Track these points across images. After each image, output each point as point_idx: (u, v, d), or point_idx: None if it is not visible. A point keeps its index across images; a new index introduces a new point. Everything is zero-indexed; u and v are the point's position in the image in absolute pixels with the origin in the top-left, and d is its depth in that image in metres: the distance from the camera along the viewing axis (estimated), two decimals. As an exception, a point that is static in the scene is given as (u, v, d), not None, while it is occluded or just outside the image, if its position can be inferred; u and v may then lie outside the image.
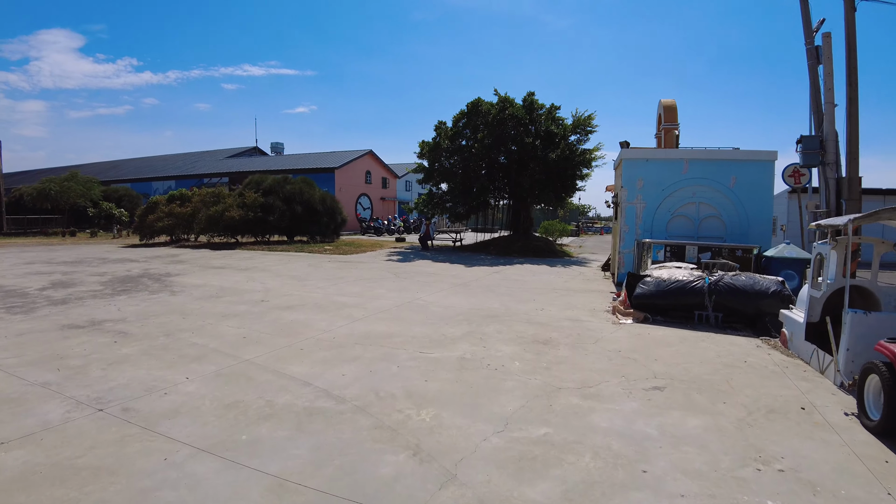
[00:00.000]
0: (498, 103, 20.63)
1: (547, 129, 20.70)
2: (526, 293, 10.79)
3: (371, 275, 13.27)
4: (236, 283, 11.56)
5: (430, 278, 12.83)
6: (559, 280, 13.12)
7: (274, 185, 23.14)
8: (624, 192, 12.58)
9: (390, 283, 11.87)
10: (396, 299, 9.65)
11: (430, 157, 21.72)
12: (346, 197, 39.27)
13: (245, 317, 7.96)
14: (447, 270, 14.68)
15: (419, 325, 7.47)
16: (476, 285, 11.78)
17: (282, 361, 5.68)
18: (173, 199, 24.54)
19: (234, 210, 21.49)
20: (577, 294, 10.91)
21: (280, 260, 16.52)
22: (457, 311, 8.64)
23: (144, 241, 24.25)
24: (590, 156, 20.97)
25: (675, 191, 12.46)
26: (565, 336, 7.09)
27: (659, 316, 8.53)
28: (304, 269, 14.34)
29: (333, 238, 25.06)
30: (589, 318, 8.45)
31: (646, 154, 12.70)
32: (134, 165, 57.21)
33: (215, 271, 13.61)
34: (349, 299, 9.57)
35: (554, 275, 14.28)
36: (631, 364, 5.91)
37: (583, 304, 9.62)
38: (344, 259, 17.23)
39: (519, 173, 21.24)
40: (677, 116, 15.96)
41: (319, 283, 11.68)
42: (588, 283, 12.72)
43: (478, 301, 9.65)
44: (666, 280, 8.61)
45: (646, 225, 12.50)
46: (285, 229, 23.18)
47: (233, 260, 16.48)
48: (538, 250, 20.48)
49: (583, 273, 15.00)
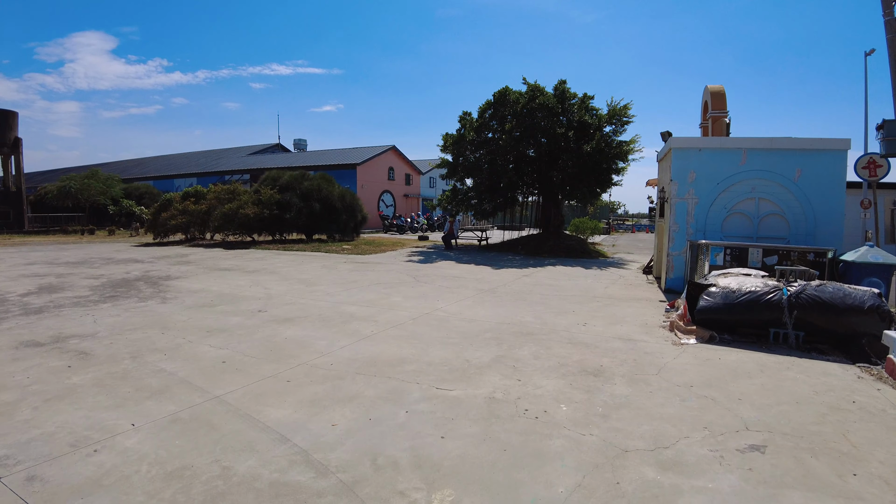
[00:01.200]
0: (527, 92, 19.18)
1: (580, 119, 19.16)
2: (563, 302, 9.40)
3: (388, 278, 12.02)
4: (238, 288, 10.43)
5: (452, 283, 11.53)
6: (598, 285, 11.68)
7: (291, 181, 22.10)
8: (673, 186, 11.07)
9: (408, 288, 10.60)
10: (413, 309, 8.37)
11: (454, 150, 20.34)
12: (369, 194, 38.22)
13: (233, 333, 6.77)
14: (472, 273, 13.36)
15: (438, 346, 6.16)
16: (504, 292, 10.43)
17: (259, 400, 4.43)
18: (188, 197, 23.73)
19: (248, 207, 20.50)
20: (622, 304, 9.48)
21: (293, 261, 15.41)
22: (483, 325, 7.31)
23: (158, 239, 23.49)
24: (626, 148, 19.37)
25: (731, 185, 10.91)
26: (619, 363, 5.70)
27: (726, 334, 7.08)
28: (317, 271, 13.17)
29: (353, 237, 23.94)
30: (643, 336, 7.04)
31: (698, 143, 11.16)
32: (158, 163, 57.23)
33: (220, 274, 12.53)
34: (359, 309, 8.32)
35: (591, 279, 12.83)
36: (711, 407, 4.51)
37: (632, 318, 8.19)
38: (361, 260, 16.03)
39: (549, 167, 19.75)
40: (726, 103, 14.33)
41: (330, 288, 10.48)
42: (631, 290, 11.26)
43: (507, 312, 8.30)
44: (735, 291, 7.13)
45: (698, 224, 10.98)
46: (303, 227, 22.13)
47: (243, 261, 15.42)
48: (570, 250, 18.99)
49: (623, 277, 13.50)
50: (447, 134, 20.34)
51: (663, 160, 13.14)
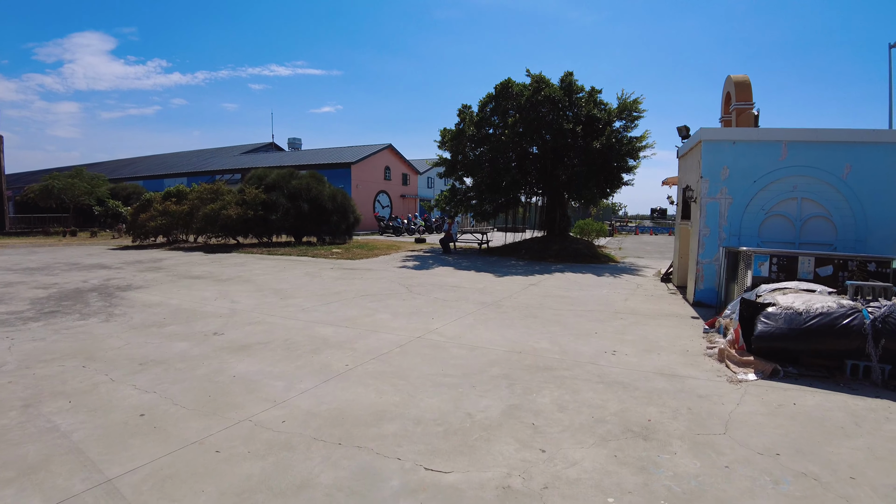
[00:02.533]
0: (531, 84, 17.75)
1: (589, 113, 17.74)
2: (580, 319, 7.98)
3: (377, 288, 10.60)
4: (201, 301, 9.01)
5: (450, 294, 10.10)
6: (616, 296, 10.26)
7: (278, 180, 20.62)
8: (703, 183, 9.66)
9: (399, 301, 9.17)
10: (402, 331, 6.94)
11: (452, 147, 18.86)
12: (364, 194, 36.78)
13: (171, 366, 5.34)
14: (472, 282, 11.94)
15: (430, 390, 4.73)
16: (510, 305, 9.01)
17: (165, 492, 3.01)
18: (169, 197, 22.30)
19: (231, 208, 19.05)
20: (650, 321, 8.06)
21: (274, 267, 13.97)
22: (488, 355, 5.88)
23: (138, 242, 22.05)
24: (638, 145, 17.94)
25: (769, 183, 9.50)
26: (672, 414, 4.29)
27: (790, 366, 5.67)
28: (298, 279, 11.74)
29: (345, 239, 22.49)
30: (688, 369, 5.62)
31: (732, 134, 9.75)
32: (149, 163, 55.76)
33: (188, 283, 11.10)
34: (336, 331, 6.89)
35: (606, 288, 11.42)
36: (819, 495, 3.11)
37: (667, 341, 6.78)
38: (350, 266, 14.60)
39: (555, 165, 18.34)
40: (752, 93, 12.92)
41: (307, 301, 9.05)
42: (655, 303, 9.85)
43: (517, 335, 6.87)
44: (802, 313, 5.72)
45: (732, 227, 9.57)
46: (290, 229, 20.67)
47: (219, 266, 13.99)
48: (578, 254, 17.56)
49: (640, 285, 12.09)
50: (445, 129, 18.88)
51: (687, 156, 11.74)
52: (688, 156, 11.54)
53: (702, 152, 9.69)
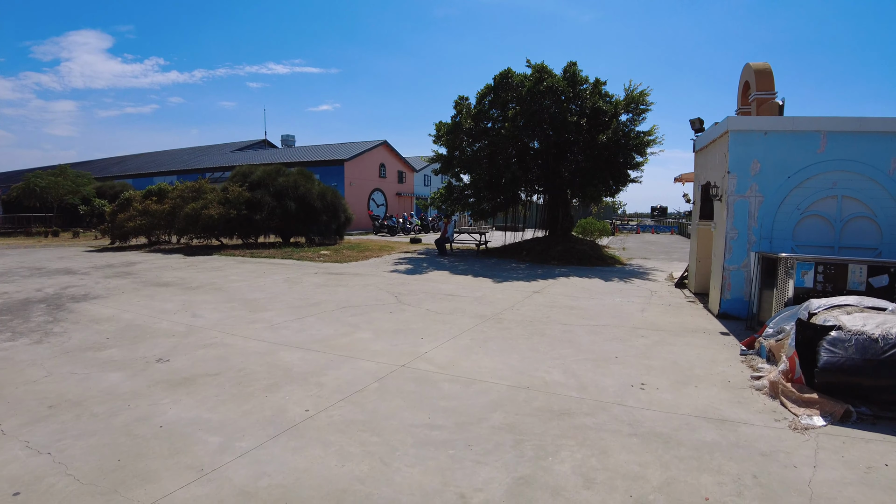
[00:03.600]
0: (533, 74, 16.58)
1: (594, 105, 16.59)
2: (595, 337, 6.85)
3: (362, 298, 9.47)
4: (160, 315, 7.87)
5: (444, 305, 8.98)
6: (631, 307, 9.15)
7: (263, 177, 19.41)
8: (731, 179, 8.54)
9: (384, 315, 8.04)
10: (384, 357, 5.81)
11: (448, 141, 17.64)
12: (358, 192, 35.63)
13: (87, 409, 4.21)
14: (470, 289, 10.81)
15: (411, 455, 3.58)
16: (513, 319, 7.88)
17: None
18: (150, 195, 21.12)
19: (213, 207, 17.87)
20: (674, 338, 6.94)
21: (253, 272, 12.82)
22: (489, 394, 4.75)
23: (117, 243, 20.86)
24: (646, 139, 16.78)
25: (805, 179, 8.39)
26: (734, 489, 3.16)
27: (863, 405, 4.56)
28: (276, 286, 10.60)
29: (336, 240, 21.31)
30: (735, 408, 4.51)
31: (764, 124, 8.62)
32: (139, 161, 54.48)
33: (153, 292, 9.96)
34: (304, 357, 5.76)
35: (618, 296, 10.30)
36: None
37: (701, 367, 5.66)
38: (337, 270, 13.45)
39: (557, 161, 17.20)
40: (773, 82, 11.79)
41: (280, 315, 7.92)
42: (675, 314, 8.74)
43: (522, 362, 5.74)
44: (879, 340, 4.62)
45: (763, 229, 8.46)
46: (276, 230, 19.48)
47: (194, 272, 12.84)
48: (582, 256, 16.43)
49: (654, 292, 10.97)
50: (441, 123, 17.67)
51: (707, 149, 10.62)
52: (708, 149, 10.43)
53: (729, 144, 8.57)
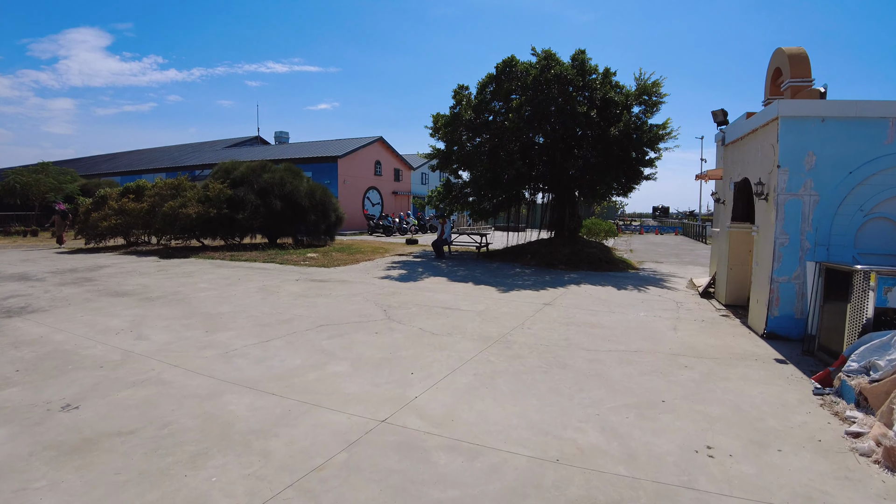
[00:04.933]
0: (538, 62, 15.23)
1: (605, 96, 15.24)
2: (630, 369, 5.51)
3: (344, 313, 8.11)
4: (100, 334, 6.51)
5: (441, 322, 7.63)
6: (660, 323, 7.81)
7: (247, 173, 17.99)
8: (781, 175, 7.21)
9: (368, 338, 6.69)
10: (359, 407, 4.44)
11: (446, 135, 16.26)
12: (352, 190, 34.24)
13: None
14: (471, 300, 9.47)
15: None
16: (525, 343, 6.54)
17: None
18: (128, 193, 19.70)
19: (191, 206, 16.48)
20: (724, 368, 5.60)
21: (227, 278, 11.45)
22: (501, 473, 3.37)
23: (92, 244, 19.44)
24: (659, 133, 15.42)
25: (870, 174, 7.06)
26: None
27: None
28: (248, 297, 9.24)
29: (325, 241, 19.93)
30: (847, 490, 3.17)
31: (822, 109, 7.27)
32: (129, 158, 53.04)
33: (105, 303, 8.60)
34: (254, 405, 4.40)
35: (642, 308, 8.96)
36: None
37: (774, 416, 4.32)
38: (322, 276, 12.09)
39: (565, 157, 15.87)
40: (810, 68, 10.46)
41: (241, 336, 6.56)
42: (711, 332, 7.41)
43: (543, 413, 4.38)
44: None
45: (820, 233, 7.13)
46: (260, 230, 18.07)
47: (161, 278, 11.46)
48: (592, 260, 15.09)
49: (681, 304, 9.64)
50: (438, 114, 16.28)
51: (742, 141, 9.29)
52: (745, 141, 9.09)
53: (779, 133, 7.23)
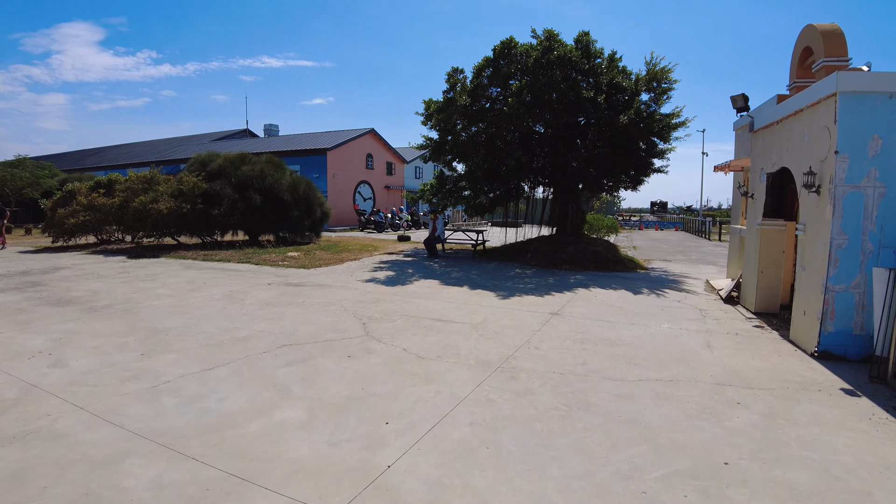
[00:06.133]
0: (540, 44, 13.95)
1: (612, 81, 13.99)
2: (674, 413, 4.29)
3: (314, 327, 6.86)
4: (11, 357, 5.24)
5: (429, 340, 6.40)
6: (690, 340, 6.60)
7: (225, 165, 16.64)
8: (840, 163, 5.99)
9: (336, 365, 5.43)
10: (304, 486, 3.19)
11: (439, 123, 14.94)
12: (342, 184, 32.90)
13: None
14: (466, 309, 8.24)
15: None
16: (534, 373, 5.31)
17: None
18: (98, 187, 18.36)
19: (162, 201, 15.17)
20: (789, 407, 4.40)
21: (191, 282, 10.18)
22: None
23: (60, 242, 18.09)
24: (671, 121, 14.17)
25: (945, 161, 5.86)
26: None
27: None
28: (206, 307, 7.98)
29: (311, 238, 18.65)
30: None
31: (891, 82, 6.04)
32: (115, 152, 51.49)
33: (36, 315, 7.32)
34: (158, 484, 3.14)
35: (664, 318, 7.75)
36: None
37: (887, 494, 3.11)
38: (299, 279, 10.82)
39: (568, 147, 14.61)
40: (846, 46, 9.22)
41: (181, 362, 5.30)
42: (751, 350, 6.20)
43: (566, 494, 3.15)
44: None
45: (885, 233, 5.92)
46: (238, 226, 16.76)
47: (116, 282, 10.18)
48: (598, 259, 13.87)
49: (705, 311, 8.43)
50: (430, 100, 14.94)
51: (778, 126, 8.07)
52: (783, 125, 7.87)
53: (837, 112, 6.00)
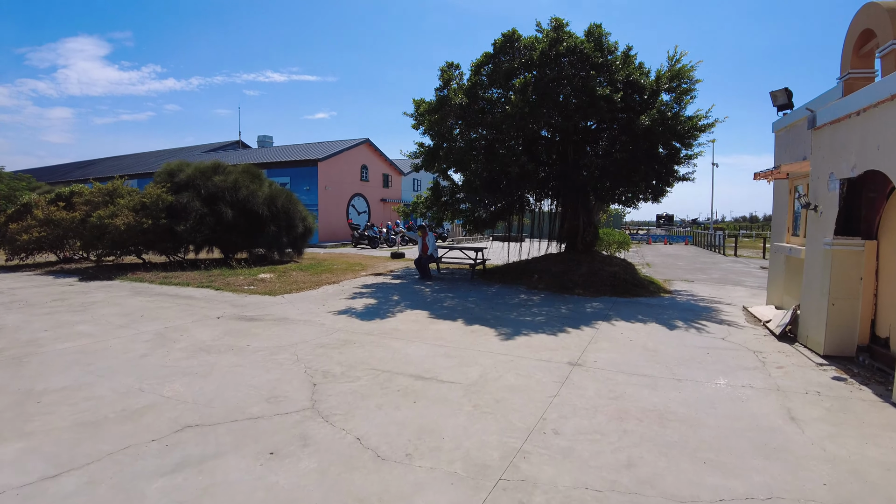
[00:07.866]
0: (547, 36, 12.22)
1: (628, 78, 12.24)
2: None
3: (242, 393, 5.03)
4: None
5: (396, 422, 4.56)
6: (761, 405, 4.75)
7: (194, 176, 14.87)
8: None
9: (243, 477, 3.60)
10: None
11: (431, 124, 13.05)
12: (335, 197, 31.14)
13: None
14: (457, 358, 6.40)
15: None
16: (554, 491, 3.47)
17: None
18: (59, 200, 16.66)
19: (122, 215, 13.41)
20: None
21: (126, 315, 8.35)
22: None
23: (16, 260, 16.34)
24: (697, 123, 12.34)
25: None
26: None
27: None
28: (126, 351, 6.15)
29: (290, 256, 16.83)
30: None
31: None
32: (106, 164, 50.04)
33: None
34: None
35: (718, 371, 5.89)
36: None
37: None
38: (256, 310, 8.98)
39: (579, 152, 12.85)
40: (918, 27, 7.43)
41: (19, 460, 3.47)
42: (854, 425, 4.35)
43: None
44: None
45: None
46: (206, 243, 14.95)
47: (37, 313, 8.37)
48: (616, 282, 11.99)
49: (762, 357, 6.57)
50: (421, 100, 13.08)
51: (858, 118, 6.28)
52: (868, 116, 6.07)
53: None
